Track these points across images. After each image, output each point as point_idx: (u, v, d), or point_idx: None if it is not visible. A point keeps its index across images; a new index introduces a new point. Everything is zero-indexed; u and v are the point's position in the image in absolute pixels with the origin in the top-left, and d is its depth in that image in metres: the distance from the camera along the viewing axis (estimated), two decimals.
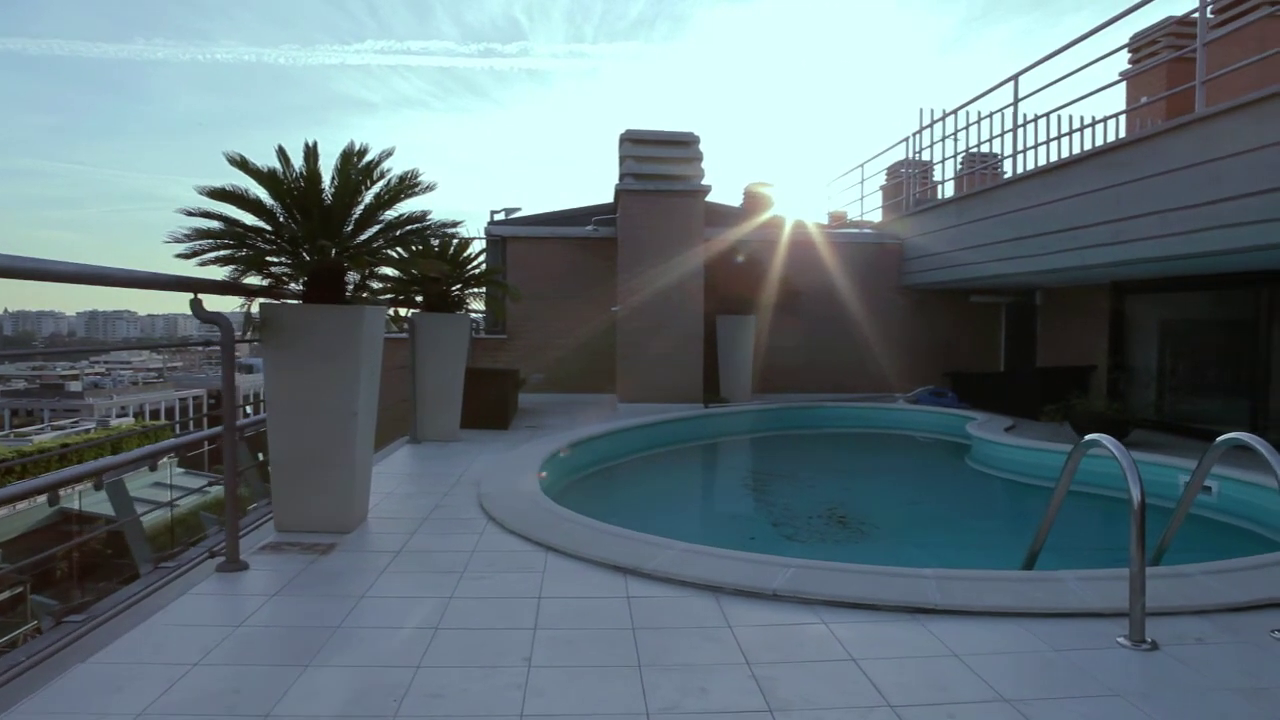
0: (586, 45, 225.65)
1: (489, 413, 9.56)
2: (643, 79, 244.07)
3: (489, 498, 5.71)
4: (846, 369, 13.66)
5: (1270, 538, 6.77)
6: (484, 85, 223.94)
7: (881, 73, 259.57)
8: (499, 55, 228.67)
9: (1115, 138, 13.60)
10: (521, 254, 13.04)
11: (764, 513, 7.32)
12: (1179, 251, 7.31)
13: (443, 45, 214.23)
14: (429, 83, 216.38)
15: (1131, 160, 7.85)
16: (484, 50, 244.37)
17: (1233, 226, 6.74)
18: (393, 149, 4.87)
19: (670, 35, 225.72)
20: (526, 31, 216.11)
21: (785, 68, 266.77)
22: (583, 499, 7.54)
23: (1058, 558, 5.93)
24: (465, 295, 8.99)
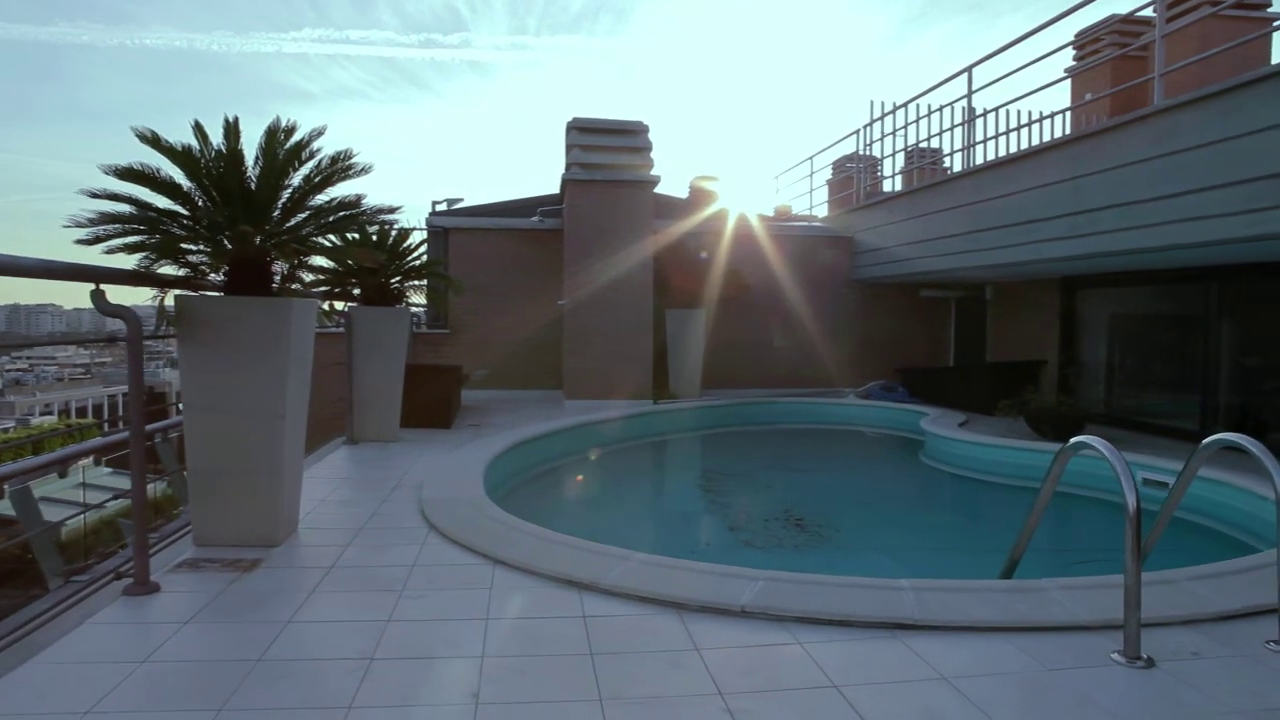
0: (529, 37, 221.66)
1: (431, 411, 9.14)
2: (586, 72, 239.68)
3: (431, 504, 5.33)
4: (797, 364, 13.49)
5: (1230, 534, 6.72)
6: (425, 77, 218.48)
7: (825, 68, 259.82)
8: (440, 46, 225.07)
9: (1062, 134, 13.68)
10: (464, 246, 12.59)
11: (719, 516, 7.06)
12: (1140, 245, 7.22)
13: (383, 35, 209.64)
14: (369, 73, 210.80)
15: (1089, 153, 7.75)
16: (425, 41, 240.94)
17: (1195, 220, 6.65)
18: (324, 128, 4.46)
19: (613, 29, 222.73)
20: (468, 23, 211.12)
21: (729, 62, 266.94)
22: (530, 502, 7.19)
23: (1029, 561, 5.79)
24: (405, 288, 8.55)
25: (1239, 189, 6.28)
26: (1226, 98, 6.38)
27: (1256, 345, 8.60)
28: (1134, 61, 14.46)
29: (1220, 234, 6.48)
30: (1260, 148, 6.09)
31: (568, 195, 11.52)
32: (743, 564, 6.06)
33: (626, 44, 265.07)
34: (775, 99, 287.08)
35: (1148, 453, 7.98)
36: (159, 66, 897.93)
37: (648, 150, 11.52)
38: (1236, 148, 6.30)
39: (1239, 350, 8.67)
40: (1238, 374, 8.64)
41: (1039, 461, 8.23)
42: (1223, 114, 6.41)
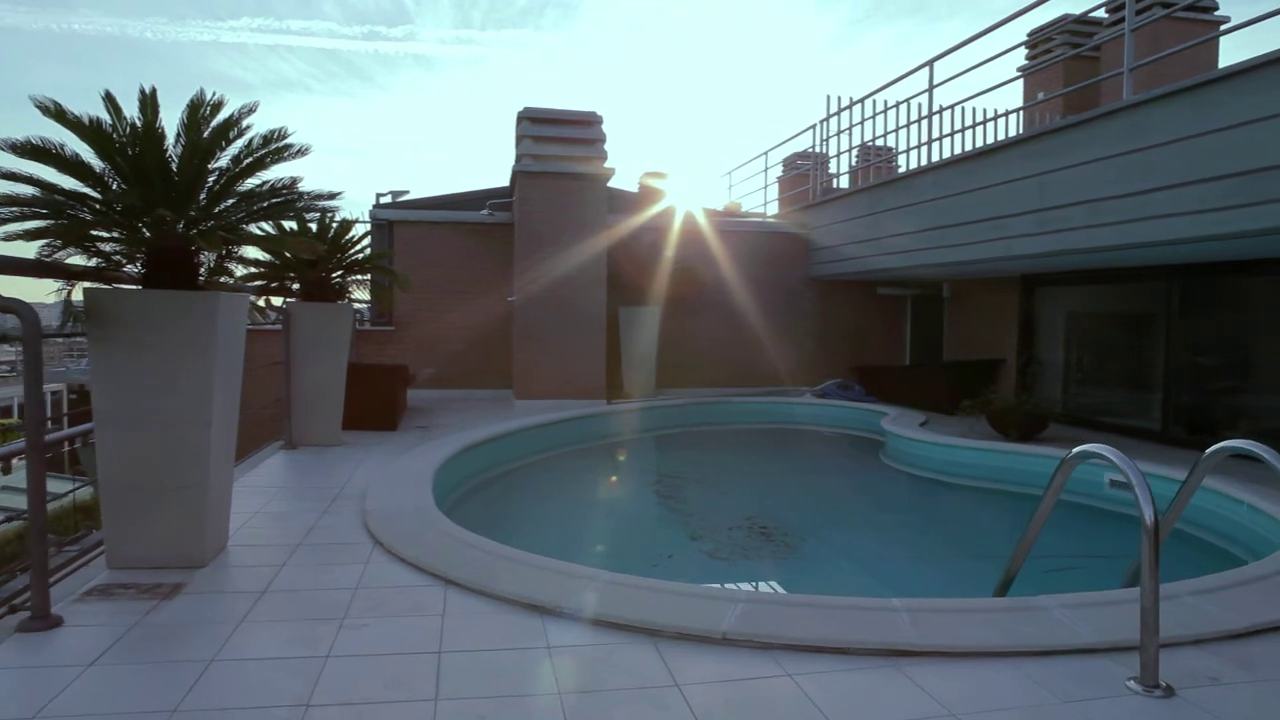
0: (474, 31, 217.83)
1: (375, 413, 8.67)
2: (532, 67, 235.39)
3: (375, 516, 4.92)
4: (752, 362, 13.25)
5: (1202, 537, 6.60)
6: (368, 69, 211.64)
7: (773, 67, 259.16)
8: (384, 39, 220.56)
9: (1016, 132, 13.65)
10: (410, 240, 12.09)
11: (680, 524, 6.72)
12: (1109, 243, 7.08)
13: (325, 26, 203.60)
14: (310, 64, 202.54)
15: (1057, 148, 7.60)
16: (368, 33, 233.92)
17: (1166, 217, 6.52)
18: (255, 104, 4.02)
19: (559, 23, 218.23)
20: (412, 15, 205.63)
21: (676, 60, 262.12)
22: (481, 510, 6.80)
23: (996, 567, 5.61)
24: (347, 283, 8.07)
25: (1212, 186, 6.15)
26: (1197, 93, 6.25)
27: (1216, 344, 8.56)
28: (1086, 61, 14.54)
29: (1192, 231, 6.35)
30: (1234, 144, 5.97)
31: (518, 188, 11.11)
32: (707, 577, 5.80)
33: (573, 39, 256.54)
34: (723, 97, 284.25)
35: None
36: (88, 53, 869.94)
37: (601, 142, 11.16)
38: (1208, 144, 6.16)
39: (1199, 349, 8.62)
40: (1198, 373, 8.60)
41: (1005, 463, 8.09)
42: (1194, 109, 6.28)
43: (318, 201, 4.33)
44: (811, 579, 5.54)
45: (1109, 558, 6.26)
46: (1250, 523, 5.90)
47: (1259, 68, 5.79)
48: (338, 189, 4.20)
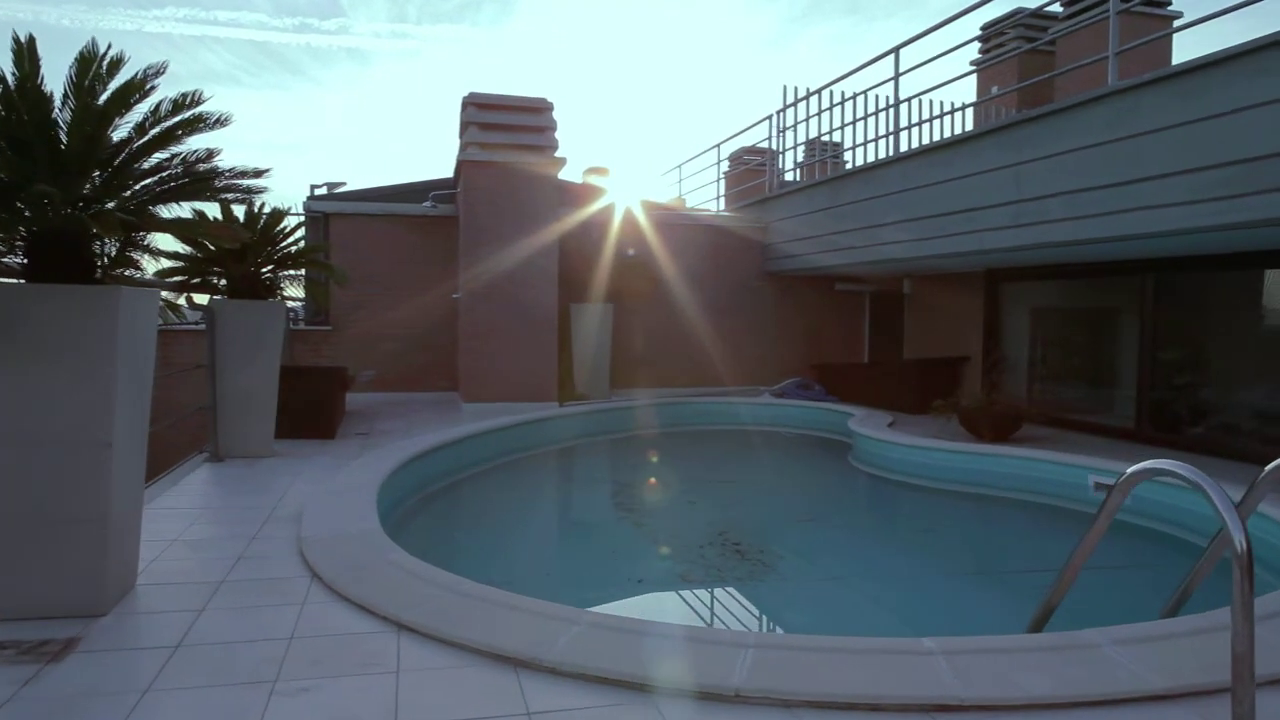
0: (410, 25, 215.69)
1: (311, 419, 7.98)
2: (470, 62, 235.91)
3: (313, 543, 4.29)
4: (708, 361, 12.78)
5: (1191, 540, 6.31)
6: (301, 62, 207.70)
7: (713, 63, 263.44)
8: (316, 31, 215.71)
9: (968, 127, 13.44)
10: (348, 233, 11.35)
11: (646, 541, 6.19)
12: (1091, 235, 6.76)
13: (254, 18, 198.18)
14: (239, 57, 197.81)
15: (1035, 137, 7.26)
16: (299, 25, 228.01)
17: (1154, 209, 6.20)
18: (164, 64, 3.38)
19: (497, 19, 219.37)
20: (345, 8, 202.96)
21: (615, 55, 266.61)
22: (428, 530, 6.22)
23: (986, 584, 5.14)
24: (279, 278, 7.38)
25: (1204, 175, 5.85)
26: (1188, 79, 5.95)
27: (1192, 339, 8.35)
28: (1041, 56, 14.41)
29: (1182, 223, 6.04)
30: (1229, 131, 5.67)
31: (464, 178, 10.47)
32: (683, 606, 5.29)
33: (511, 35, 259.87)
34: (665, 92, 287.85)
35: (1088, 453, 7.59)
36: None
37: (552, 130, 10.58)
38: (1200, 131, 5.86)
39: (1174, 344, 8.41)
40: (1172, 369, 8.38)
41: (982, 466, 7.75)
42: (1184, 96, 5.97)
43: (240, 180, 3.69)
44: (795, 603, 5.06)
45: (1106, 569, 5.92)
46: (1252, 528, 5.59)
47: (1255, 52, 5.49)
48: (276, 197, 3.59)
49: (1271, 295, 7.66)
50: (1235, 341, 8.04)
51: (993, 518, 7.25)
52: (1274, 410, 7.62)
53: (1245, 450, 7.46)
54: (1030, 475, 7.44)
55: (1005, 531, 6.86)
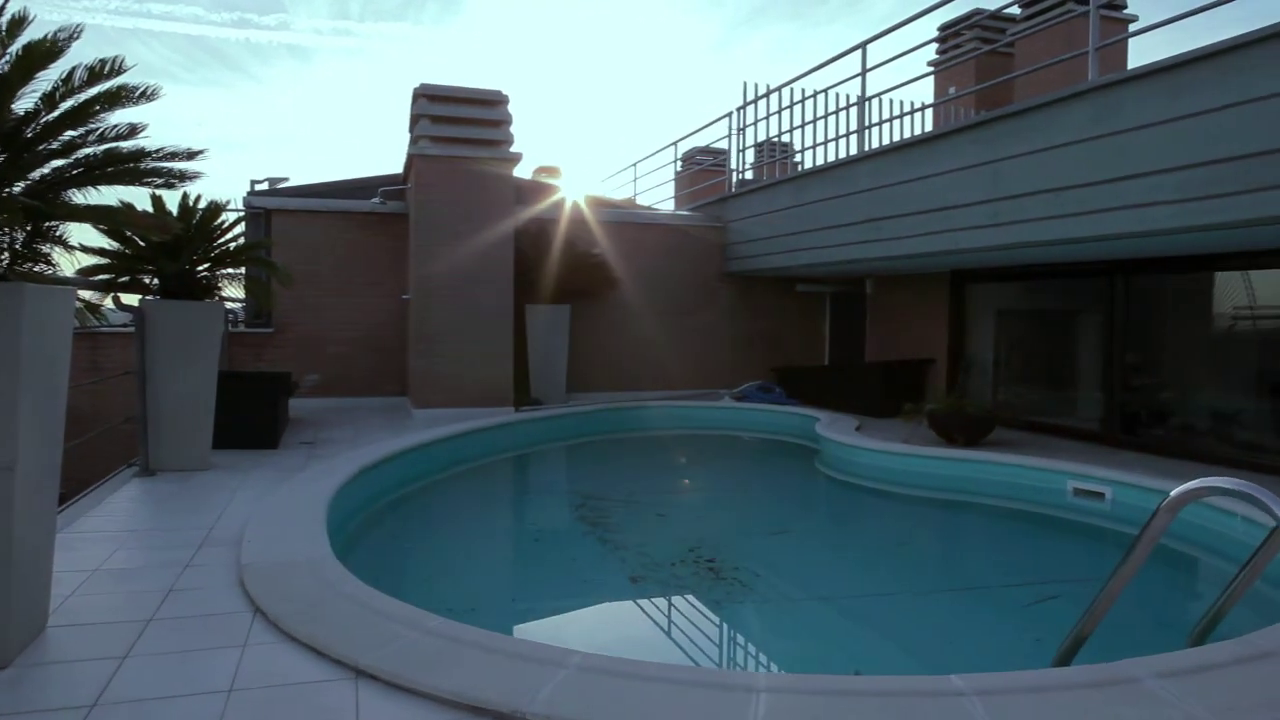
0: (352, 23, 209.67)
1: (252, 429, 7.45)
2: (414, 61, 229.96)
3: (256, 573, 3.84)
4: (667, 363, 12.47)
5: (1172, 546, 6.14)
6: (239, 58, 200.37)
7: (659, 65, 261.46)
8: (255, 27, 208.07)
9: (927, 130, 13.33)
10: (291, 231, 10.76)
11: (614, 561, 5.77)
12: (1073, 235, 6.57)
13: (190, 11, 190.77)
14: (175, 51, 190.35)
15: (1014, 133, 7.07)
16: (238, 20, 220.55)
17: (1140, 207, 6.02)
18: (78, 27, 2.92)
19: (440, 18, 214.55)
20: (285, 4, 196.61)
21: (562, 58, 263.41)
22: (380, 550, 5.79)
23: (976, 601, 4.74)
24: (217, 277, 6.84)
25: (1194, 173, 5.67)
26: (1176, 73, 5.77)
27: (1162, 341, 8.26)
28: (999, 57, 14.39)
29: (1170, 222, 5.87)
30: (1220, 127, 5.49)
31: (415, 173, 9.99)
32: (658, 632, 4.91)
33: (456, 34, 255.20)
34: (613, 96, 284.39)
35: (1063, 456, 7.42)
36: None
37: (508, 123, 10.15)
38: (1190, 128, 5.69)
39: (1143, 347, 8.30)
40: (1142, 371, 8.28)
41: (958, 472, 7.53)
42: (1172, 91, 5.80)
43: (170, 163, 3.23)
44: (783, 628, 4.73)
45: (1091, 581, 5.70)
46: (1243, 535, 5.43)
47: (1247, 46, 5.33)
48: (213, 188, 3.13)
49: (1243, 296, 7.58)
50: (1206, 343, 7.96)
51: (972, 527, 7.04)
52: (1244, 412, 7.54)
53: (1217, 453, 7.37)
54: (1007, 481, 7.24)
55: (987, 542, 6.62)
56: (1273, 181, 5.24)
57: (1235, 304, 7.61)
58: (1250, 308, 7.50)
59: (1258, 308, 7.47)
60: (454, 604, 4.69)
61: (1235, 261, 7.34)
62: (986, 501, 7.20)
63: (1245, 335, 7.66)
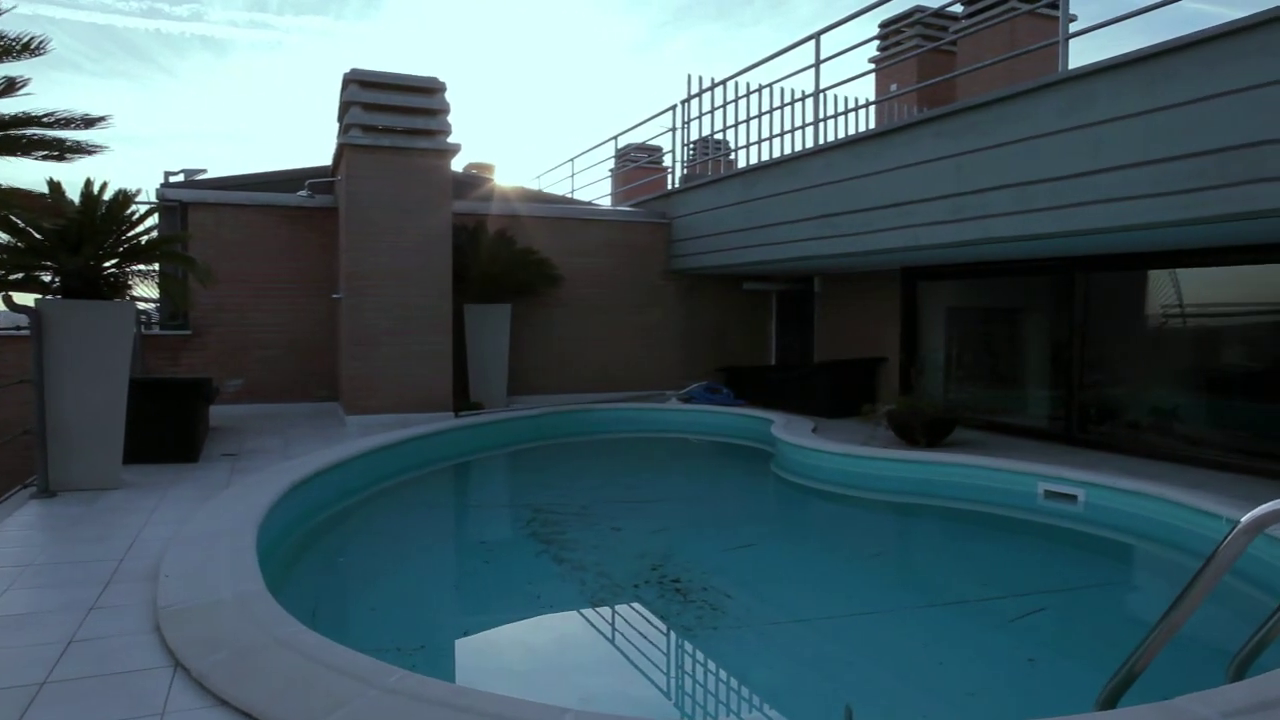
0: (270, 15, 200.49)
1: (168, 441, 6.80)
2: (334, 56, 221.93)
3: (176, 617, 3.30)
4: (611, 364, 12.06)
5: (1146, 549, 6.00)
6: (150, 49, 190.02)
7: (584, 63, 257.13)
8: (166, 17, 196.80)
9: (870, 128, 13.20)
10: (210, 226, 10.01)
11: (571, 581, 5.32)
12: (1043, 230, 6.37)
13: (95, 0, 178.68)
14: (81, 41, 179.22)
15: (979, 125, 6.85)
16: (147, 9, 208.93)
17: (1114, 202, 5.84)
18: None
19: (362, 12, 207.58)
20: None
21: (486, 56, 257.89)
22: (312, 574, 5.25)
23: (973, 612, 4.60)
24: (127, 274, 6.19)
25: (1171, 166, 5.50)
26: (1153, 64, 5.60)
27: (1122, 339, 8.17)
28: (942, 55, 14.35)
29: (1146, 217, 5.69)
30: (1199, 120, 5.33)
31: (346, 164, 9.37)
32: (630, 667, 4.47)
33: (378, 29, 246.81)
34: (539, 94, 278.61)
35: (1029, 456, 7.26)
36: None
37: (445, 113, 9.60)
38: (1167, 120, 5.52)
39: (1103, 345, 8.21)
40: (1103, 370, 8.18)
41: (924, 475, 7.29)
42: (1148, 82, 5.62)
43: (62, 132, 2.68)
44: (767, 659, 4.35)
45: (1074, 591, 5.50)
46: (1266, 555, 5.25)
47: (1227, 36, 5.17)
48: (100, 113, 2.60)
49: (1205, 293, 7.53)
50: (1167, 341, 7.89)
51: (944, 534, 6.79)
52: (1208, 409, 7.49)
53: (1179, 451, 7.29)
54: (975, 484, 7.02)
55: (962, 550, 6.36)
56: (1251, 176, 5.09)
57: (1197, 301, 7.55)
58: (1214, 305, 7.45)
59: (1220, 304, 7.42)
60: (401, 639, 4.21)
61: (1201, 258, 7.25)
62: (955, 505, 6.97)
63: (1208, 332, 7.61)
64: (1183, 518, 5.66)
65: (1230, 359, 7.46)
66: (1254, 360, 7.30)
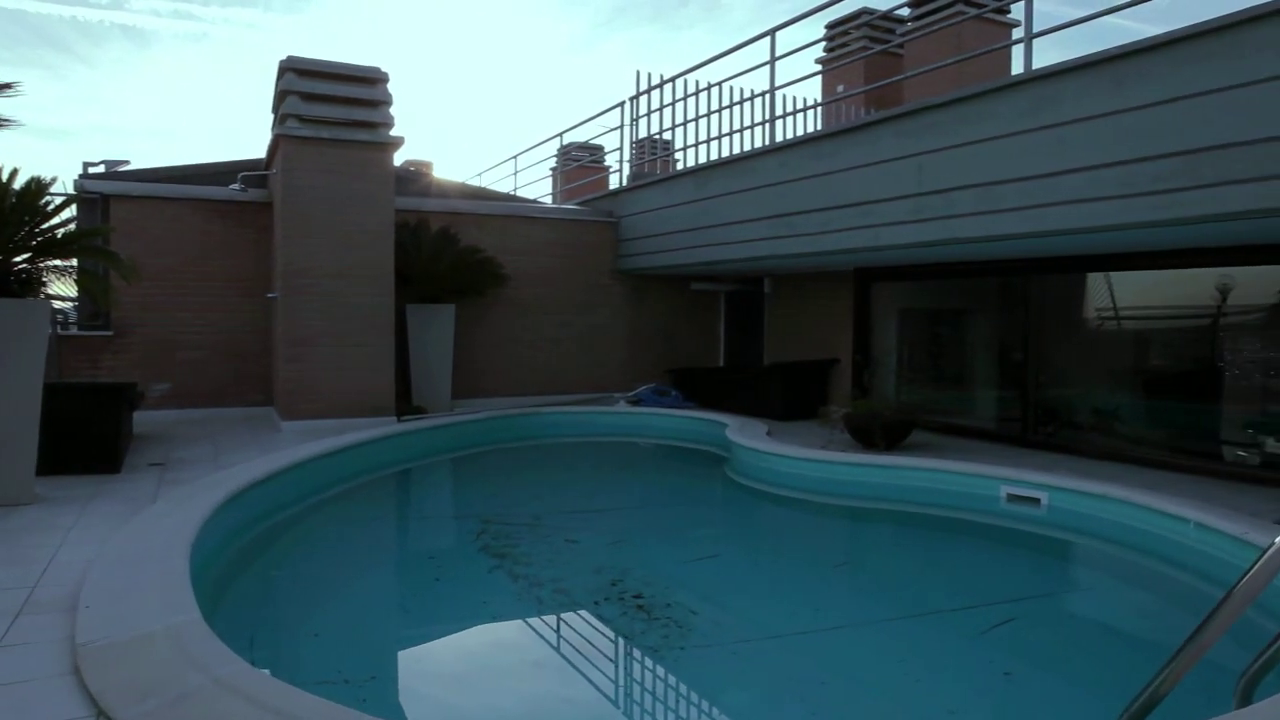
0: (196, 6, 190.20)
1: (88, 449, 6.32)
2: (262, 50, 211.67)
3: (97, 655, 2.93)
4: (558, 366, 11.76)
5: (1111, 552, 5.95)
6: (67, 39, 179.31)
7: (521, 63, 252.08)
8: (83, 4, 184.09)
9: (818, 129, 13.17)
10: (134, 220, 9.42)
11: (528, 599, 5.00)
12: (1007, 231, 6.30)
13: None
14: None
15: (941, 125, 6.75)
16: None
17: (1081, 203, 5.78)
18: None
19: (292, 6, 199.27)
20: None
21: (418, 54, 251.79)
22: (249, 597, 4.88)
23: (944, 623, 4.41)
24: (41, 269, 5.70)
25: (1139, 167, 5.45)
26: (1121, 64, 5.55)
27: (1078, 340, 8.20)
28: (889, 57, 14.40)
29: (1113, 219, 5.65)
30: (1169, 121, 5.29)
31: (282, 156, 8.91)
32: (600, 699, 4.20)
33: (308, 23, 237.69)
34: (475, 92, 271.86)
35: (986, 459, 7.20)
36: None
37: (388, 104, 9.21)
38: (1136, 121, 5.46)
39: (1059, 346, 8.22)
40: (1057, 371, 8.20)
41: (886, 479, 7.19)
42: (1116, 82, 5.57)
43: None
44: (743, 681, 4.12)
45: (1043, 598, 5.41)
46: (1198, 543, 5.22)
47: (1197, 37, 5.13)
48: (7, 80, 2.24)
49: (1158, 295, 7.57)
50: (1121, 343, 7.93)
51: (908, 540, 6.68)
52: (1164, 411, 7.53)
53: (1139, 454, 7.31)
54: (937, 488, 6.93)
55: (927, 557, 6.24)
56: (1221, 178, 5.06)
57: (1150, 302, 7.60)
58: (1167, 307, 7.50)
59: (1173, 307, 7.48)
60: (350, 669, 3.89)
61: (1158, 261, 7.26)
62: (917, 510, 6.87)
63: (1160, 334, 7.67)
64: (1147, 520, 5.62)
65: (1184, 362, 7.52)
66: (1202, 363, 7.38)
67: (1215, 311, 7.19)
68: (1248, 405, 7.15)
